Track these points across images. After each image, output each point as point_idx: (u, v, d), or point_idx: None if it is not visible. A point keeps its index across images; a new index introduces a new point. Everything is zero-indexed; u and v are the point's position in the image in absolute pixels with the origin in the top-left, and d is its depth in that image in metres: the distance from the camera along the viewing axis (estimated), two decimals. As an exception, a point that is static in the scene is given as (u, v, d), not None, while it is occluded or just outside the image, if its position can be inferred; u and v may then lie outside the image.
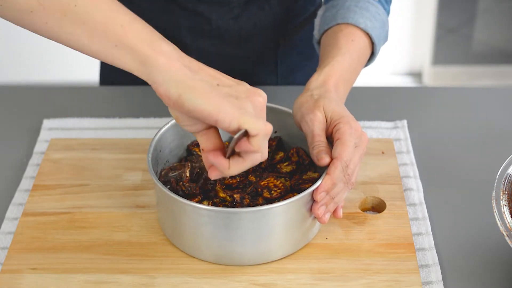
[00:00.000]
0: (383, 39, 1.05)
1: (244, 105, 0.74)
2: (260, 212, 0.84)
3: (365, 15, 1.01)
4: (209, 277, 0.87)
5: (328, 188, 0.85)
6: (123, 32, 0.70)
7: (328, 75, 0.95)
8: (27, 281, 0.86)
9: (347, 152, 0.86)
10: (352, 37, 1.00)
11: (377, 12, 1.03)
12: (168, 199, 0.86)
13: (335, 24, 1.01)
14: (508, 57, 2.88)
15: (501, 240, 0.86)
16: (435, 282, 0.86)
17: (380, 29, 1.03)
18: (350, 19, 1.00)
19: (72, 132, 1.11)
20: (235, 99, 0.73)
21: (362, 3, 1.02)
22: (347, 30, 1.00)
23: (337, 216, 0.90)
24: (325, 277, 0.87)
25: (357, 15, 1.01)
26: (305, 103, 0.91)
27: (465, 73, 2.89)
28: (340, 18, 1.01)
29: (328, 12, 1.04)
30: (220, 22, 1.18)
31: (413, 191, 0.99)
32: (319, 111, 0.89)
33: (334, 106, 0.90)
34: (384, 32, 1.05)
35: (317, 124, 0.88)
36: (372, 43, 1.02)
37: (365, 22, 1.01)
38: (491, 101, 1.20)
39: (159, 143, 0.94)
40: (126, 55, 0.71)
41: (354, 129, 0.88)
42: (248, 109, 0.74)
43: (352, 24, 1.00)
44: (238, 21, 1.18)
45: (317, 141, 0.88)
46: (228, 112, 0.72)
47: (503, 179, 0.86)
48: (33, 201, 0.98)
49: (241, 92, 0.75)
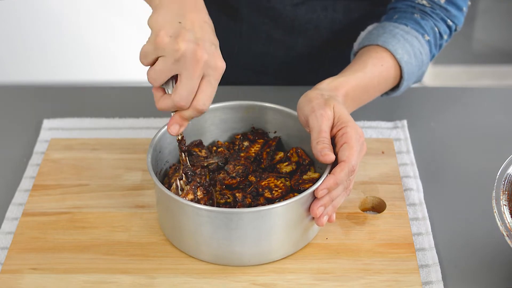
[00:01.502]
0: (415, 78, 1.06)
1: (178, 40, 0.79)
2: (260, 213, 0.84)
3: (406, 48, 1.02)
4: (209, 277, 0.87)
5: (330, 186, 0.86)
6: None
7: (341, 84, 0.95)
8: (27, 281, 0.86)
9: (355, 157, 0.87)
10: (383, 62, 1.01)
11: (420, 51, 1.04)
12: (168, 199, 0.86)
13: (375, 44, 1.02)
14: (508, 57, 2.88)
15: (501, 240, 0.86)
16: (435, 282, 0.86)
17: (415, 67, 1.04)
18: (390, 46, 1.01)
19: (72, 132, 1.11)
20: (177, 29, 0.80)
21: (409, 36, 1.03)
22: (382, 54, 1.01)
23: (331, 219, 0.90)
24: (325, 277, 0.87)
25: (399, 44, 1.02)
26: (315, 99, 0.91)
27: (465, 73, 2.89)
28: (382, 41, 1.02)
29: (375, 30, 1.05)
30: (278, 4, 1.17)
31: (413, 191, 0.99)
32: (330, 109, 0.90)
33: (343, 110, 0.90)
34: (419, 72, 1.06)
35: (326, 121, 0.89)
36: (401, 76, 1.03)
37: (402, 54, 1.01)
38: (491, 101, 1.20)
39: (159, 143, 0.94)
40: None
41: (359, 135, 0.89)
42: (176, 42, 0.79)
43: (389, 51, 1.01)
44: (296, 9, 1.17)
45: (323, 137, 0.88)
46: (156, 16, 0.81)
47: (503, 179, 0.86)
48: (33, 201, 0.98)
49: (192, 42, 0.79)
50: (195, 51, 0.79)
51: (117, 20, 2.83)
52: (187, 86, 0.80)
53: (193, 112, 0.83)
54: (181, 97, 0.81)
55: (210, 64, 0.80)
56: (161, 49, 0.79)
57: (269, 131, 1.01)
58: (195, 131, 0.99)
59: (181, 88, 0.81)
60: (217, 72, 0.82)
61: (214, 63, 0.81)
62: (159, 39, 0.79)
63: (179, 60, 0.79)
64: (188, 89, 0.81)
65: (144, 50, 0.81)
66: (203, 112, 0.83)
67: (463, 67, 2.89)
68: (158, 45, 0.79)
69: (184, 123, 0.85)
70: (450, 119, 1.15)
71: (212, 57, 0.81)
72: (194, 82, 0.80)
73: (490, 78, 2.87)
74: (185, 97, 0.81)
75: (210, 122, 1.00)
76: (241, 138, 1.00)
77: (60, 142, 1.09)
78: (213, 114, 1.00)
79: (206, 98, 0.82)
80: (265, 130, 1.01)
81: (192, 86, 0.81)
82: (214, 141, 1.01)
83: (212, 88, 0.82)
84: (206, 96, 0.82)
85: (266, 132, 1.01)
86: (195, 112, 0.83)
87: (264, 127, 1.01)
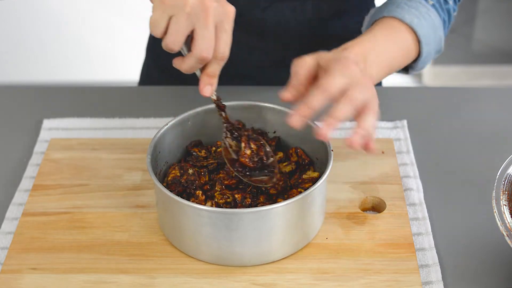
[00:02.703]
0: (433, 43, 1.02)
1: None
2: (260, 213, 0.84)
3: (412, 12, 0.99)
4: (209, 277, 0.87)
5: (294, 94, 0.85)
6: None
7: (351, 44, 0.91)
8: (27, 281, 0.86)
9: (328, 79, 0.81)
10: (392, 26, 0.98)
11: (428, 13, 1.01)
12: (168, 200, 0.86)
13: (381, 17, 1.00)
14: (508, 57, 2.88)
15: (501, 240, 0.86)
16: (435, 282, 0.86)
17: (428, 29, 1.00)
18: (396, 13, 0.99)
19: (72, 132, 1.11)
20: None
21: (412, 3, 1.01)
22: (389, 21, 0.99)
23: (369, 148, 0.82)
24: (325, 277, 0.87)
25: (404, 11, 0.99)
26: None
27: (465, 73, 2.89)
28: (387, 11, 1.00)
29: (378, 8, 1.04)
30: (245, 10, 1.16)
31: (413, 191, 0.99)
32: (310, 57, 0.87)
33: (329, 54, 0.86)
34: (436, 36, 1.02)
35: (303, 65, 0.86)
36: (418, 41, 1.00)
37: (411, 18, 0.99)
38: (491, 101, 1.20)
39: (158, 143, 0.94)
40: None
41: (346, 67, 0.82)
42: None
43: (397, 18, 0.99)
44: (264, 14, 1.17)
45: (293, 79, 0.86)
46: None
47: (503, 179, 0.86)
48: (33, 201, 0.98)
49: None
50: (202, 1, 0.80)
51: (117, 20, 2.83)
52: (205, 36, 0.81)
53: (216, 63, 0.83)
54: (201, 49, 0.81)
55: (220, 10, 0.81)
56: (169, 9, 0.80)
57: (269, 131, 1.01)
58: (195, 131, 0.99)
59: (199, 39, 0.81)
60: (229, 17, 0.82)
61: (223, 8, 0.82)
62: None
63: (190, 13, 0.80)
64: (206, 38, 0.81)
65: (153, 18, 0.81)
66: (224, 59, 0.83)
67: (463, 67, 2.89)
68: (165, 6, 0.80)
69: (213, 81, 0.85)
70: (450, 119, 1.15)
71: (219, 3, 0.81)
72: (210, 30, 0.81)
73: (490, 78, 2.87)
74: (206, 48, 0.81)
75: (210, 122, 1.00)
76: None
77: (60, 142, 1.09)
78: (212, 114, 1.00)
79: (225, 45, 0.83)
80: (264, 130, 1.01)
81: (209, 35, 0.81)
82: (214, 141, 1.01)
83: (227, 34, 0.83)
84: (224, 42, 0.82)
85: (266, 132, 1.01)
86: (218, 62, 0.83)
87: (264, 127, 1.01)
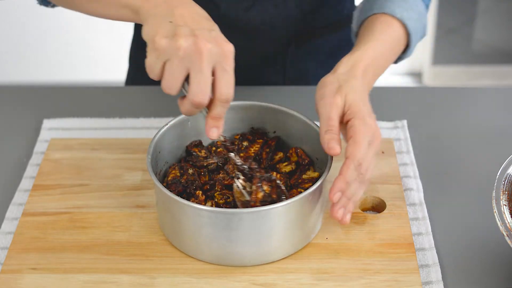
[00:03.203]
0: (420, 32, 1.04)
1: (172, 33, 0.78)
2: (260, 213, 0.84)
3: (402, 5, 1.01)
4: (209, 277, 0.87)
5: (342, 188, 0.85)
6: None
7: (358, 59, 0.93)
8: (27, 281, 0.86)
9: (360, 152, 0.85)
10: (388, 25, 0.99)
11: (415, 3, 1.03)
12: (168, 200, 0.86)
13: (372, 14, 1.01)
14: (508, 57, 2.88)
15: (501, 240, 0.86)
16: (435, 282, 0.86)
17: (416, 21, 1.02)
18: (387, 8, 1.00)
19: (72, 132, 1.11)
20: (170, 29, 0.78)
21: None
22: (382, 18, 1.00)
23: (344, 221, 0.88)
24: (325, 277, 0.87)
25: (394, 5, 1.01)
26: (330, 85, 0.89)
27: (465, 73, 2.89)
28: (377, 8, 1.01)
29: (367, 3, 1.04)
30: (228, 11, 1.16)
31: (413, 191, 0.99)
32: (340, 97, 0.88)
33: (356, 97, 0.88)
34: (421, 25, 1.04)
35: (335, 109, 0.87)
36: (408, 33, 1.01)
37: (401, 12, 1.00)
38: (491, 101, 1.20)
39: (158, 143, 0.94)
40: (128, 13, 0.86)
41: (369, 126, 0.86)
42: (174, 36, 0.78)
43: (388, 14, 1.00)
44: (248, 13, 1.17)
45: (331, 125, 0.86)
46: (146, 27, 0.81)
47: (503, 179, 0.86)
48: (33, 201, 0.98)
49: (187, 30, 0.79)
50: (195, 43, 0.77)
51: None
52: (198, 81, 0.77)
53: (220, 105, 0.80)
54: (194, 93, 0.78)
55: (216, 50, 0.78)
56: (162, 54, 0.78)
57: (269, 131, 1.01)
58: (195, 131, 0.99)
59: (192, 84, 0.78)
60: (227, 56, 0.79)
61: (219, 48, 0.78)
62: (157, 44, 0.77)
63: (184, 57, 0.77)
64: (199, 83, 0.78)
65: (148, 62, 0.79)
66: (229, 101, 0.80)
67: (463, 67, 2.89)
68: (158, 51, 0.77)
69: (219, 123, 0.82)
70: (450, 119, 1.15)
71: (215, 44, 0.78)
72: (204, 74, 0.77)
73: (490, 78, 2.87)
74: (199, 92, 0.78)
75: (210, 122, 1.00)
76: (240, 138, 1.00)
77: (60, 142, 1.09)
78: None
79: (227, 86, 0.79)
80: (264, 130, 1.01)
81: (204, 79, 0.78)
82: (214, 141, 1.01)
83: (228, 74, 0.79)
84: (226, 83, 0.79)
85: (266, 132, 1.01)
86: (222, 104, 0.80)
87: (264, 127, 1.01)
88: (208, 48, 0.77)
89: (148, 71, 0.79)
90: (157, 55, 0.78)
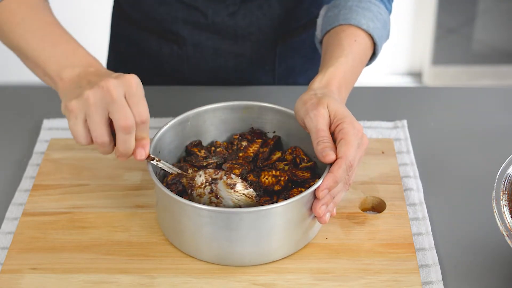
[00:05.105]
0: (384, 38, 1.06)
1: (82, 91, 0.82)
2: (260, 213, 0.84)
3: (367, 15, 1.01)
4: (209, 277, 0.87)
5: (330, 186, 0.86)
6: (45, 64, 0.91)
7: (331, 76, 0.95)
8: (27, 281, 0.86)
9: (352, 152, 0.86)
10: (354, 37, 1.00)
11: (379, 12, 1.03)
12: (168, 200, 0.86)
13: (338, 25, 1.02)
14: (508, 57, 2.88)
15: (501, 240, 0.86)
16: (435, 282, 0.86)
17: (382, 30, 1.03)
18: (352, 20, 1.01)
19: (72, 132, 1.11)
20: (78, 92, 0.83)
21: (364, 3, 1.03)
22: (349, 30, 1.00)
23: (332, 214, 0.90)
24: (325, 277, 0.87)
25: (359, 15, 1.01)
26: (309, 100, 0.91)
27: (465, 73, 2.89)
28: (342, 19, 1.01)
29: (330, 12, 1.04)
30: (216, 18, 1.18)
31: (413, 191, 0.99)
32: (323, 108, 0.89)
33: (338, 106, 0.90)
34: (386, 31, 1.05)
35: (321, 120, 0.88)
36: (374, 43, 1.03)
37: (367, 23, 1.01)
38: (491, 101, 1.20)
39: (158, 143, 0.94)
40: (48, 79, 0.92)
41: (357, 130, 0.88)
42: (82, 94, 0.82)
43: (354, 25, 1.01)
44: (234, 18, 1.18)
45: (321, 136, 0.88)
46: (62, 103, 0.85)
47: (503, 179, 0.86)
48: (33, 201, 0.98)
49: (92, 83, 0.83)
50: (100, 86, 0.81)
51: (117, 20, 2.82)
52: (117, 108, 0.81)
53: (140, 128, 0.83)
54: (118, 119, 0.81)
55: (120, 82, 0.82)
56: (77, 112, 0.82)
57: (268, 131, 1.01)
58: (195, 131, 0.99)
59: (113, 114, 0.81)
60: (131, 85, 0.82)
61: (122, 79, 0.82)
62: (69, 107, 0.82)
63: (95, 102, 0.81)
64: (119, 110, 0.81)
65: (71, 128, 0.83)
66: (144, 122, 0.83)
67: (463, 67, 2.89)
68: (73, 112, 0.82)
69: (144, 142, 0.85)
70: (450, 119, 1.15)
71: (117, 78, 0.82)
72: (119, 102, 0.81)
73: (490, 78, 2.87)
74: (122, 117, 0.81)
75: (209, 123, 1.00)
76: (239, 138, 1.00)
77: (60, 142, 1.09)
78: (212, 114, 1.00)
79: (140, 109, 0.82)
80: (263, 130, 1.01)
81: (120, 105, 0.81)
82: (213, 141, 1.01)
83: (139, 97, 0.83)
84: (140, 106, 0.82)
85: (265, 132, 1.01)
86: (140, 126, 0.83)
87: (263, 127, 1.01)
88: (112, 83, 0.81)
89: (75, 137, 0.83)
90: (74, 115, 0.82)
